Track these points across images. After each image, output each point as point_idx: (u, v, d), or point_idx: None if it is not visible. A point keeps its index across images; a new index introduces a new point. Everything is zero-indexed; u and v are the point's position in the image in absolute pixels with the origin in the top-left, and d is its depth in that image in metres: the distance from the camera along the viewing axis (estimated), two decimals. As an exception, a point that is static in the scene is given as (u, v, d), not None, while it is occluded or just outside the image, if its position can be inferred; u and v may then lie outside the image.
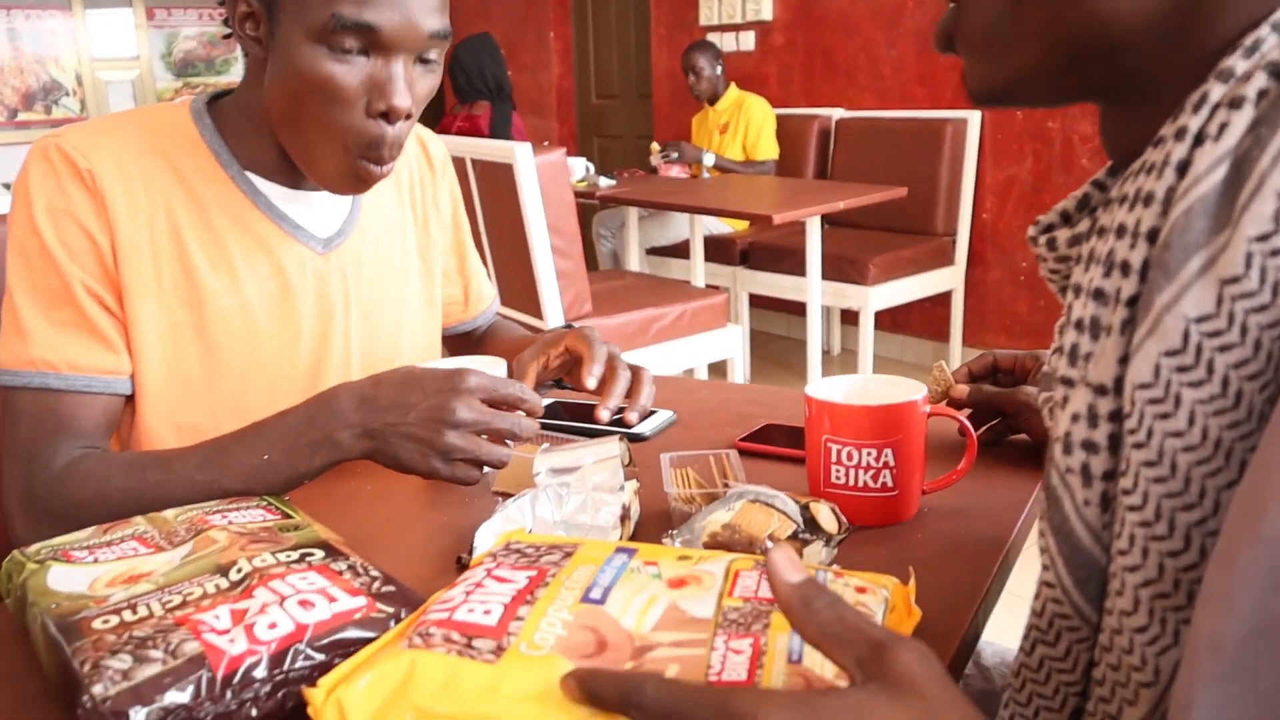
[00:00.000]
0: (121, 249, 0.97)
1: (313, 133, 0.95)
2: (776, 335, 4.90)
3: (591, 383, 0.99)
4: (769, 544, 0.71)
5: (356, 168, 0.97)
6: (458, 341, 1.36)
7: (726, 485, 0.86)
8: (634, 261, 4.37)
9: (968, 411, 0.97)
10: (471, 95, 4.67)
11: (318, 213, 1.09)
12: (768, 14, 4.79)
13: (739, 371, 3.30)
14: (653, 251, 4.61)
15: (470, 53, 4.65)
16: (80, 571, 0.69)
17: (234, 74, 5.04)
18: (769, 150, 4.51)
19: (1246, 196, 0.42)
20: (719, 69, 4.55)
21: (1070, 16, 0.50)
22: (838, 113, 4.51)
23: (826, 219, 4.12)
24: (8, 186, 4.71)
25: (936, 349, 4.32)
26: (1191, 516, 0.45)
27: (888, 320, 4.40)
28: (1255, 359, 0.42)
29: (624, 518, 0.80)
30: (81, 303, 0.96)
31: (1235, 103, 0.44)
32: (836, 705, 0.43)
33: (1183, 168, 0.46)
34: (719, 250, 4.28)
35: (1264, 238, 0.41)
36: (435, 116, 5.20)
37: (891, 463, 0.83)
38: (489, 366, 1.05)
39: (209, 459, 0.90)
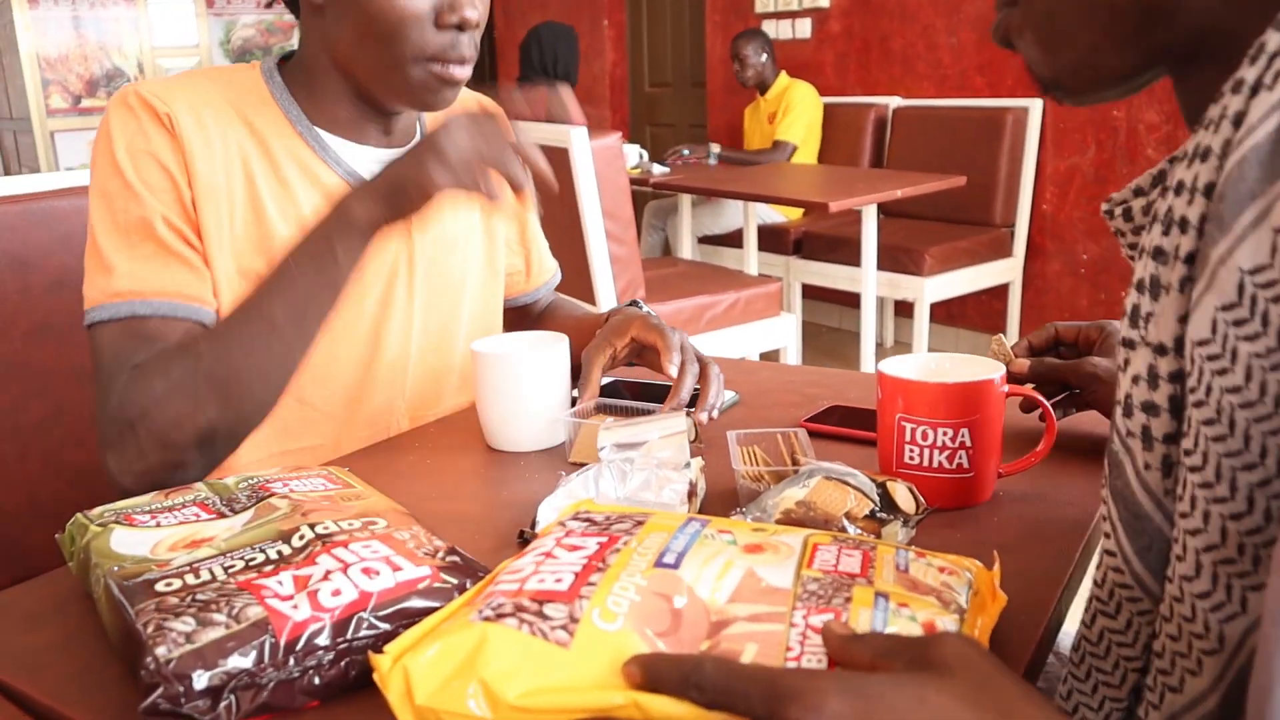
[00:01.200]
0: (199, 190, 0.97)
1: (387, 55, 0.98)
2: (828, 327, 4.85)
3: (673, 371, 0.99)
4: (845, 522, 0.68)
5: (438, 74, 0.99)
6: (518, 315, 1.35)
7: (796, 463, 0.83)
8: (686, 249, 4.34)
9: (1032, 387, 0.93)
10: (536, 75, 4.68)
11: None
12: (824, 0, 4.73)
13: (792, 361, 3.26)
14: (705, 240, 4.58)
15: (551, 33, 4.67)
16: (142, 535, 0.68)
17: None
18: (788, 132, 4.42)
19: None
20: (765, 57, 4.49)
21: None
22: (895, 101, 4.44)
23: (881, 209, 4.06)
24: (72, 170, 4.79)
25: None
26: (1253, 477, 0.43)
27: (942, 313, 4.33)
28: None
29: (691, 494, 0.78)
30: (163, 236, 0.96)
31: None
32: (890, 683, 0.43)
33: (1239, 119, 0.44)
34: (772, 239, 4.24)
35: None
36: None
37: (968, 443, 0.79)
38: (551, 343, 1.03)
39: (244, 308, 0.90)
